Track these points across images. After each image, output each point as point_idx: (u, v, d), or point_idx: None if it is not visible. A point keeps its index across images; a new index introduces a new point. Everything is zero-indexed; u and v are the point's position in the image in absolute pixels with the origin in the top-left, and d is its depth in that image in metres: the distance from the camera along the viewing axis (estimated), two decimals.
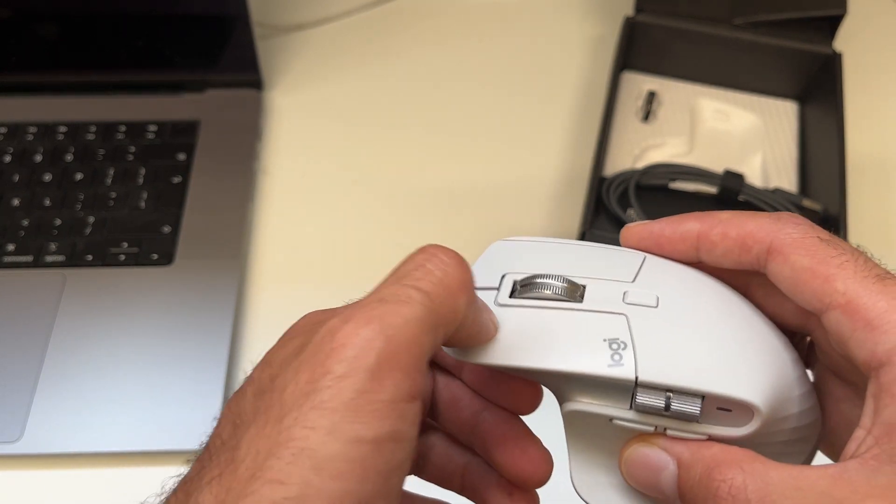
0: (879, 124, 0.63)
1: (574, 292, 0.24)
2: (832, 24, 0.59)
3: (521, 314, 0.24)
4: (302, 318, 0.23)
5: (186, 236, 0.54)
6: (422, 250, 0.22)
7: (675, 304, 0.24)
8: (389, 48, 0.67)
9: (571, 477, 0.25)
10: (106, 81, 0.62)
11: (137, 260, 0.53)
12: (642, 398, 0.23)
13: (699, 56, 0.62)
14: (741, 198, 0.54)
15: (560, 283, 0.24)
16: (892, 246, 0.57)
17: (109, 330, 0.50)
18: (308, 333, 0.21)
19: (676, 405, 0.22)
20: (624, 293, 0.24)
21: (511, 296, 0.24)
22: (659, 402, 0.22)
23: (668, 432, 0.23)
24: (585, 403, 0.24)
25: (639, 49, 0.62)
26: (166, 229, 0.54)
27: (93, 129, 0.59)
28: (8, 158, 0.58)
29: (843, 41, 0.61)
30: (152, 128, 0.59)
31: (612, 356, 0.23)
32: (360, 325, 0.20)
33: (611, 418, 0.24)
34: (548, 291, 0.24)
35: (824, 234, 0.24)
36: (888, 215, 0.58)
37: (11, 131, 0.59)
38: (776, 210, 0.53)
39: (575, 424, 0.25)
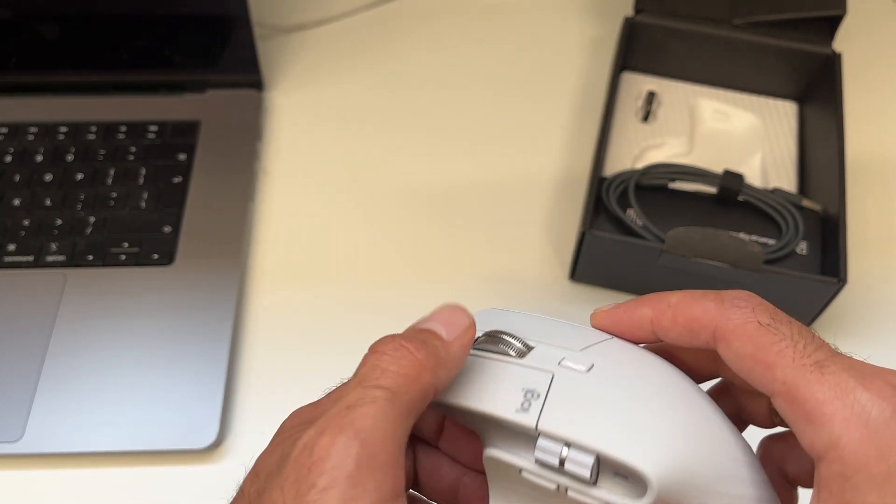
0: (879, 124, 0.63)
1: (522, 351, 0.25)
2: (832, 24, 0.60)
3: (472, 361, 0.26)
4: (287, 418, 0.24)
5: (187, 236, 0.54)
6: (372, 350, 0.24)
7: (605, 374, 0.24)
8: (390, 48, 0.68)
9: None
10: (106, 81, 0.62)
11: (138, 260, 0.53)
12: (541, 448, 0.23)
13: (699, 56, 0.62)
14: (741, 198, 0.54)
15: (512, 341, 0.26)
16: (892, 246, 0.57)
17: (110, 330, 0.50)
18: (287, 444, 0.22)
19: (571, 460, 0.23)
20: (563, 357, 0.25)
21: (473, 347, 0.26)
22: (555, 455, 0.23)
23: (569, 494, 0.23)
24: (498, 451, 0.25)
25: (638, 49, 0.62)
26: (167, 229, 0.54)
27: (93, 129, 0.59)
28: (9, 158, 0.58)
29: (843, 41, 0.61)
30: (153, 128, 0.60)
31: (522, 404, 0.24)
32: (334, 435, 0.21)
33: (520, 469, 0.24)
34: (500, 346, 0.26)
35: (765, 316, 0.24)
36: (888, 215, 0.58)
37: (12, 131, 0.59)
38: (777, 210, 0.53)
39: (494, 472, 0.26)
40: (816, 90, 0.60)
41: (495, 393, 0.24)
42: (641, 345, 0.27)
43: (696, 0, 0.61)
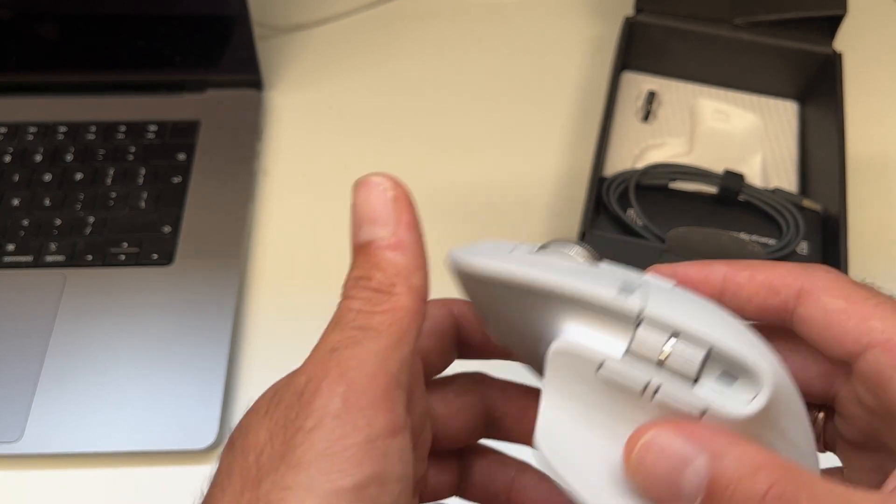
0: (879, 124, 0.63)
1: (594, 260, 0.23)
2: (832, 24, 0.60)
3: (540, 258, 0.23)
4: (270, 387, 0.23)
5: (186, 236, 0.54)
6: (344, 296, 0.23)
7: (690, 293, 0.23)
8: (389, 48, 0.67)
9: (536, 438, 0.22)
10: (106, 81, 0.62)
11: (137, 260, 0.53)
12: (642, 334, 0.21)
13: (699, 56, 0.62)
14: (741, 198, 0.54)
15: (582, 249, 0.23)
16: (892, 246, 0.57)
17: (109, 330, 0.50)
18: (277, 396, 0.21)
19: (677, 354, 0.20)
20: (642, 276, 0.23)
21: (540, 250, 0.24)
22: (658, 345, 0.20)
23: (657, 397, 0.20)
24: (576, 343, 0.22)
25: (638, 49, 0.62)
26: (166, 229, 0.54)
27: (93, 129, 0.59)
28: (8, 158, 0.58)
29: (843, 41, 0.61)
30: (152, 128, 0.59)
31: (620, 290, 0.21)
32: (320, 378, 0.20)
33: (599, 365, 0.21)
34: (572, 254, 0.23)
35: (854, 279, 0.23)
36: (888, 215, 0.58)
37: (11, 131, 0.59)
38: (777, 210, 0.53)
39: (558, 372, 0.22)
40: (817, 90, 0.60)
41: (587, 280, 0.21)
42: None
43: (696, 0, 0.61)
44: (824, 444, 0.25)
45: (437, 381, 0.28)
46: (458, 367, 0.29)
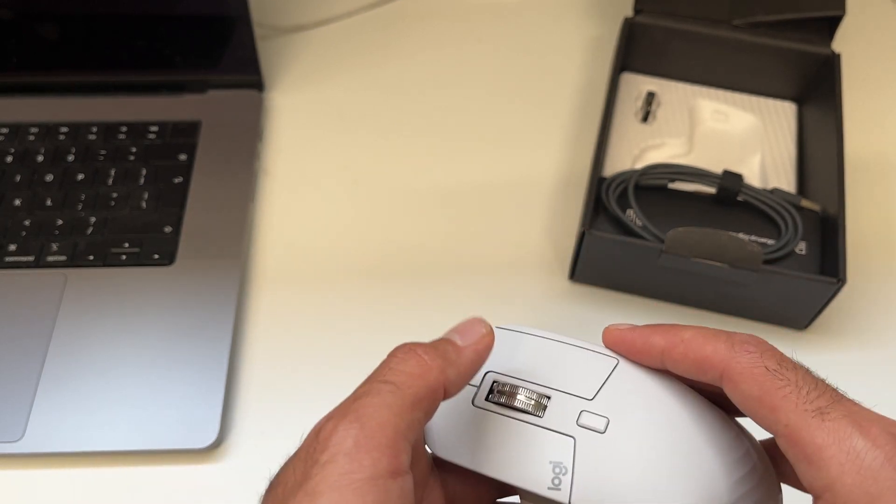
0: (878, 124, 0.63)
1: (538, 409, 0.27)
2: (831, 24, 0.60)
3: (492, 420, 0.28)
4: None
5: (187, 236, 0.54)
6: (389, 354, 0.26)
7: (621, 430, 0.27)
8: (390, 49, 0.68)
9: None
10: (107, 82, 0.62)
11: (139, 260, 0.53)
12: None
13: (698, 57, 0.62)
14: (740, 198, 0.54)
15: (526, 399, 0.28)
16: (891, 246, 0.57)
17: (111, 330, 0.50)
18: (307, 437, 0.25)
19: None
20: (580, 412, 0.27)
21: (487, 398, 0.28)
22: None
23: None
24: None
25: (638, 50, 0.62)
26: (167, 229, 0.54)
27: (94, 129, 0.59)
28: (9, 159, 0.58)
29: (842, 42, 0.61)
30: (153, 128, 0.60)
31: (552, 479, 0.26)
32: (339, 420, 0.24)
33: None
34: (516, 403, 0.28)
35: (772, 362, 0.25)
36: (886, 215, 0.58)
37: (13, 132, 0.59)
38: (776, 210, 0.53)
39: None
40: (816, 91, 0.60)
41: (528, 465, 0.27)
42: None
43: (695, 0, 0.61)
44: None
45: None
46: None
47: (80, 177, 0.57)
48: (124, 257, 0.53)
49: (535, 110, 0.64)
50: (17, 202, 0.56)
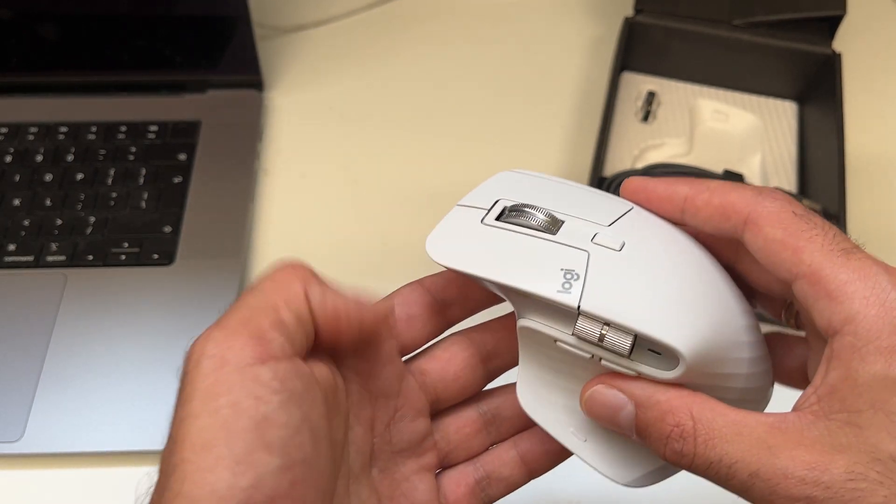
0: (878, 124, 0.63)
1: (552, 226, 0.27)
2: (831, 24, 0.60)
3: (501, 235, 0.27)
4: None
5: (187, 236, 0.54)
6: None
7: (637, 251, 0.26)
8: (390, 49, 0.68)
9: (518, 390, 0.29)
10: (107, 82, 0.62)
11: (138, 260, 0.53)
12: (581, 326, 0.25)
13: (698, 56, 0.62)
14: None
15: (541, 216, 0.27)
16: (892, 245, 0.57)
17: (110, 330, 0.50)
18: None
19: (610, 338, 0.25)
20: (595, 234, 0.26)
21: (497, 218, 0.27)
22: (595, 332, 0.25)
23: (602, 362, 0.26)
24: (536, 322, 0.27)
25: (638, 50, 0.62)
26: (167, 229, 0.54)
27: (94, 129, 0.59)
28: (9, 158, 0.58)
29: (843, 41, 0.61)
30: (153, 128, 0.60)
31: (563, 284, 0.25)
32: (205, 332, 0.24)
33: (555, 340, 0.26)
34: (529, 220, 0.27)
35: (800, 208, 0.25)
36: (887, 215, 0.58)
37: (12, 131, 0.59)
38: None
39: (526, 341, 0.28)
40: (816, 90, 0.60)
41: (535, 271, 0.26)
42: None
43: (695, 0, 0.61)
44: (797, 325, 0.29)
45: (426, 348, 0.31)
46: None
47: (80, 177, 0.57)
48: (124, 257, 0.53)
49: (536, 110, 0.64)
50: (17, 202, 0.56)
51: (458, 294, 0.30)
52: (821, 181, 0.55)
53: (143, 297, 0.51)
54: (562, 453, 0.31)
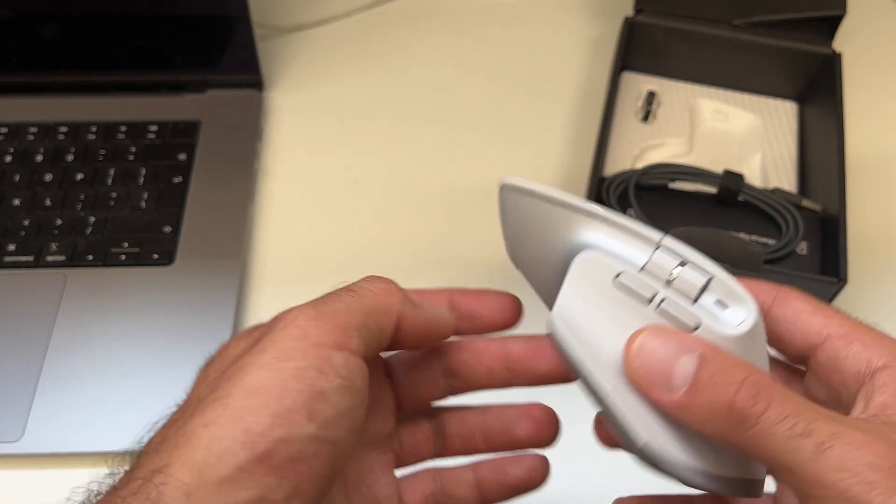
0: (879, 124, 0.63)
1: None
2: (831, 24, 0.60)
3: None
4: None
5: (187, 236, 0.54)
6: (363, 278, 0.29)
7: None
8: (389, 49, 0.68)
9: (552, 317, 0.27)
10: (107, 82, 0.62)
11: (138, 260, 0.53)
12: (658, 256, 0.26)
13: (698, 56, 0.62)
14: (741, 198, 0.54)
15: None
16: (892, 245, 0.57)
17: (110, 330, 0.50)
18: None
19: (685, 274, 0.25)
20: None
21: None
22: (668, 267, 0.26)
23: (662, 306, 0.25)
24: (601, 253, 0.27)
25: (638, 49, 0.62)
26: (167, 229, 0.54)
27: (93, 129, 0.59)
28: (9, 158, 0.58)
29: (843, 41, 0.61)
30: (153, 128, 0.60)
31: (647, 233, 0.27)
32: (301, 307, 0.26)
33: (618, 274, 0.26)
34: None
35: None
36: (887, 215, 0.58)
37: (12, 131, 0.59)
38: (777, 210, 0.53)
39: (580, 274, 0.27)
40: (816, 90, 0.60)
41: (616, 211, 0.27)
42: None
43: (695, 0, 0.61)
44: None
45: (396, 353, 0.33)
46: None
47: (80, 177, 0.57)
48: (124, 257, 0.53)
49: (536, 110, 0.64)
50: (17, 202, 0.56)
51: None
52: (821, 181, 0.55)
53: (143, 297, 0.51)
54: (518, 488, 0.32)
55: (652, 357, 0.25)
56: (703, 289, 0.25)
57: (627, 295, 0.26)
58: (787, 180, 0.58)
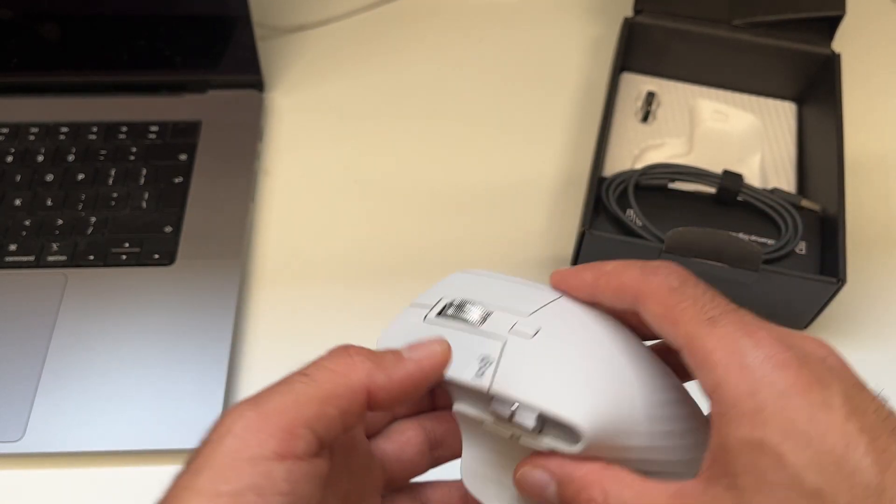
0: (877, 124, 0.63)
1: (481, 319, 0.30)
2: (831, 24, 0.60)
3: (437, 330, 0.30)
4: None
5: (188, 236, 0.54)
6: (326, 352, 0.27)
7: (549, 336, 0.28)
8: (390, 49, 0.68)
9: (462, 472, 0.31)
10: (108, 82, 0.62)
11: (139, 260, 0.53)
12: (495, 407, 0.28)
13: (698, 57, 0.62)
14: (740, 198, 0.54)
15: (473, 309, 0.30)
16: (891, 245, 0.57)
17: (111, 329, 0.50)
18: None
19: (518, 416, 0.27)
20: (514, 323, 0.29)
21: (438, 315, 0.31)
22: (505, 411, 0.27)
23: (521, 441, 0.28)
24: (464, 406, 0.29)
25: (638, 50, 0.62)
26: (168, 229, 0.54)
27: (94, 129, 0.59)
28: (10, 159, 0.58)
29: (842, 42, 0.61)
30: (154, 128, 0.60)
31: (478, 370, 0.28)
32: (241, 406, 0.25)
33: (481, 422, 0.29)
34: (463, 314, 0.30)
35: (675, 281, 0.27)
36: (886, 215, 0.58)
37: (13, 132, 0.59)
38: (776, 210, 0.53)
39: (463, 424, 0.31)
40: (815, 90, 0.60)
41: (458, 360, 0.29)
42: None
43: (695, 0, 0.61)
44: None
45: (383, 431, 0.33)
46: None
47: (81, 177, 0.57)
48: (124, 257, 0.53)
49: (536, 110, 0.64)
50: (18, 202, 0.56)
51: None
52: (820, 181, 0.55)
53: (144, 297, 0.51)
54: None
55: (529, 490, 0.28)
56: (541, 421, 0.27)
57: (500, 438, 0.29)
58: (786, 180, 0.58)
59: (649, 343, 0.30)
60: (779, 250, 0.52)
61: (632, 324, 0.30)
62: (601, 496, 0.26)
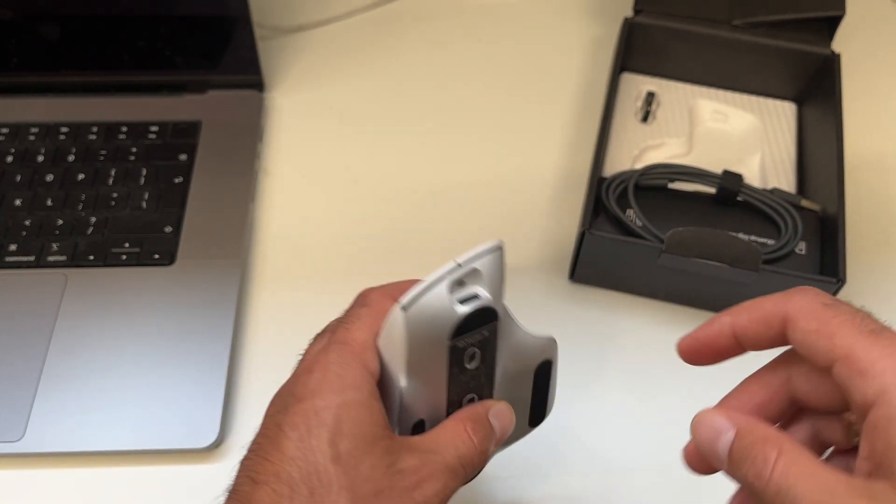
0: (877, 124, 0.63)
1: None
2: (830, 24, 0.60)
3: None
4: None
5: (188, 236, 0.54)
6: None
7: None
8: (390, 49, 0.68)
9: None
10: (108, 82, 0.62)
11: (139, 260, 0.53)
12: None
13: (698, 57, 0.62)
14: (740, 198, 0.54)
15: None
16: (891, 245, 0.57)
17: (111, 330, 0.50)
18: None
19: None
20: None
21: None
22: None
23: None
24: None
25: (638, 50, 0.62)
26: (168, 229, 0.54)
27: (94, 129, 0.60)
28: (10, 159, 0.58)
29: (842, 42, 0.61)
30: (154, 128, 0.60)
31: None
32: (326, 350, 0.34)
33: None
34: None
35: (828, 298, 0.28)
36: (886, 215, 0.58)
37: (13, 132, 0.59)
38: (776, 210, 0.53)
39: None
40: (815, 91, 0.60)
41: None
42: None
43: (695, 0, 0.61)
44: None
45: None
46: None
47: (81, 177, 0.57)
48: (124, 257, 0.53)
49: (535, 110, 0.64)
50: (18, 202, 0.56)
51: None
52: (819, 181, 0.55)
53: (144, 297, 0.51)
54: None
55: (706, 431, 0.29)
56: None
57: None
58: (785, 180, 0.58)
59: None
60: (779, 250, 0.52)
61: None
62: (775, 453, 0.26)
